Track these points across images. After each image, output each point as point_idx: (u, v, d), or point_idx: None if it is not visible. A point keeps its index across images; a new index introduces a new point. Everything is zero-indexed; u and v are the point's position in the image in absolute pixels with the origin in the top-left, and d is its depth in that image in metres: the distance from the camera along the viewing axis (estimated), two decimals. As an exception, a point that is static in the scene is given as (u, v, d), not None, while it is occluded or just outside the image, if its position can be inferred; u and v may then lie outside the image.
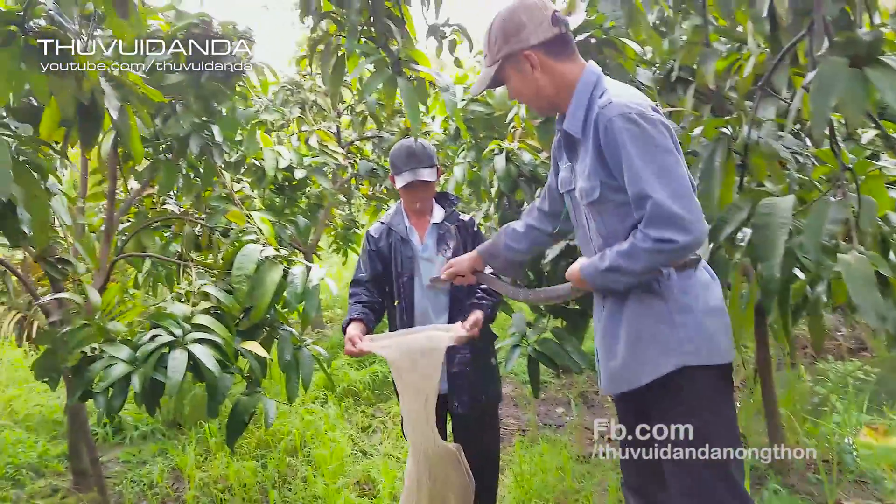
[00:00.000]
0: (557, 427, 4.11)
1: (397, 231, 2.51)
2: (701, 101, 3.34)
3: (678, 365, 1.58)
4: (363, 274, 2.54)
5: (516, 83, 1.75)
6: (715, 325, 1.61)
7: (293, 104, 6.59)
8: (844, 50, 1.73)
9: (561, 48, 1.69)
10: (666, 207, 1.46)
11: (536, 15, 1.66)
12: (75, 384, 2.20)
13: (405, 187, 2.44)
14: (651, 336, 1.62)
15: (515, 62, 1.70)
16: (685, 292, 1.61)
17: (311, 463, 3.50)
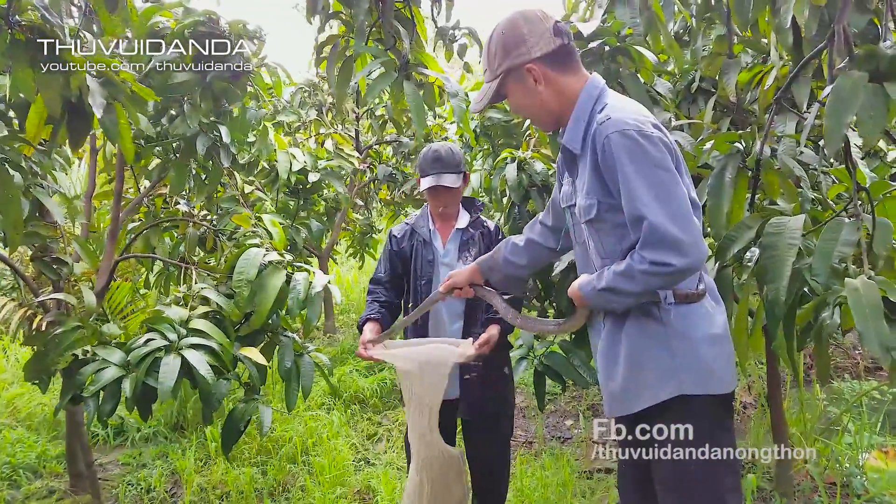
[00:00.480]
0: (564, 440, 4.02)
1: (420, 233, 2.52)
2: (721, 114, 3.26)
3: (675, 393, 1.53)
4: (382, 273, 2.54)
5: (519, 98, 1.69)
6: (714, 354, 1.55)
7: (310, 106, 6.59)
8: (866, 64, 1.65)
9: (564, 60, 1.63)
10: (662, 230, 1.41)
11: (538, 27, 1.61)
12: (66, 387, 2.18)
13: (428, 191, 2.44)
14: (649, 361, 1.57)
15: (517, 76, 1.64)
16: (684, 318, 1.55)
17: (310, 471, 3.45)
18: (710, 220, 1.99)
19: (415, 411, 2.14)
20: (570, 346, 2.96)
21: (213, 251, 3.65)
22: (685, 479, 1.56)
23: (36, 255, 2.56)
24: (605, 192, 1.55)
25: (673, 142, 1.56)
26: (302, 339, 2.92)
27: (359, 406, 4.67)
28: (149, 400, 2.27)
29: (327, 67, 2.70)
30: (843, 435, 3.44)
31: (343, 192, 5.67)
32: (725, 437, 1.58)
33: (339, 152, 5.90)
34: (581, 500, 3.03)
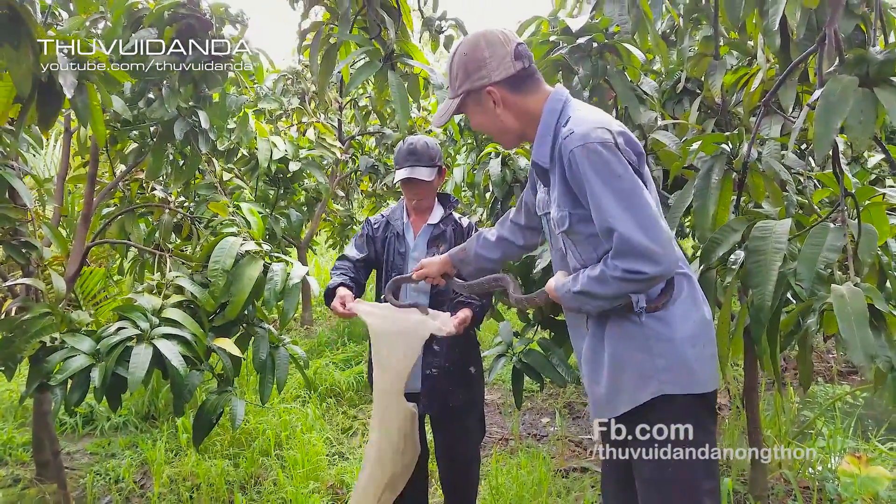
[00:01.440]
0: (540, 438, 4.02)
1: (394, 225, 2.54)
2: (706, 115, 3.26)
3: (656, 393, 1.55)
4: (354, 253, 2.55)
5: (479, 118, 1.72)
6: (696, 354, 1.55)
7: (293, 94, 6.50)
8: (855, 68, 1.64)
9: (524, 83, 1.66)
10: (633, 240, 1.43)
11: (499, 50, 1.63)
12: (32, 374, 2.11)
13: (402, 183, 2.47)
14: (630, 363, 1.58)
15: (477, 98, 1.67)
16: (662, 320, 1.56)
17: (283, 465, 3.40)
18: (695, 222, 1.98)
19: (382, 374, 2.19)
20: (549, 345, 2.94)
21: (188, 239, 3.57)
22: (665, 479, 1.57)
23: (4, 239, 2.47)
24: (576, 203, 1.57)
25: (637, 143, 1.58)
26: (278, 331, 2.87)
27: (334, 399, 4.62)
28: (118, 390, 2.20)
29: (310, 55, 2.64)
30: (817, 439, 3.47)
31: (324, 182, 5.59)
32: (706, 439, 1.58)
33: (322, 142, 5.81)
34: (556, 499, 3.02)
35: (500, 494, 3.02)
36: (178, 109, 2.88)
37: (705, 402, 1.59)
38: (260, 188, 5.48)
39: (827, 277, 1.60)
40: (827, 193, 2.15)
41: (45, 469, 3.13)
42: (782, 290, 1.69)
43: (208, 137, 3.11)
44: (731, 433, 3.62)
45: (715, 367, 1.62)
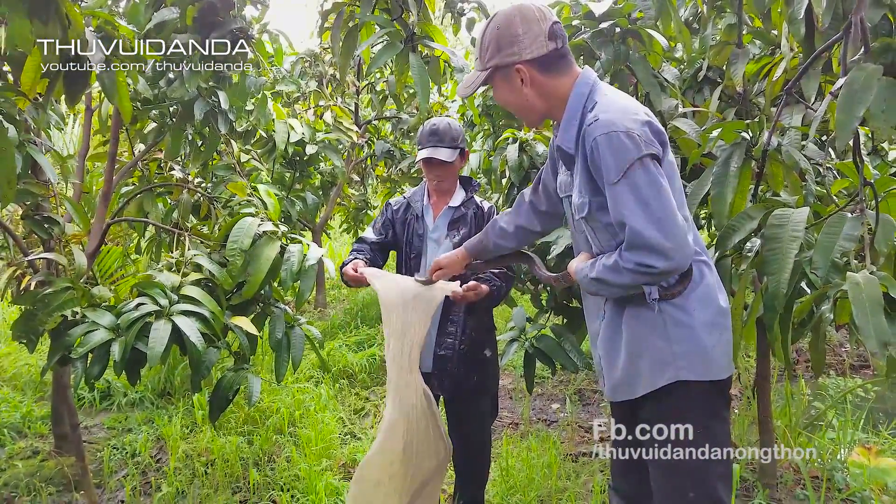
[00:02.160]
0: (550, 423, 4.04)
1: (415, 207, 2.55)
2: (727, 104, 3.24)
3: (672, 379, 1.56)
4: (372, 235, 2.57)
5: (504, 94, 1.70)
6: (712, 341, 1.56)
7: (311, 77, 6.51)
8: (881, 57, 1.63)
9: (555, 64, 1.63)
10: (644, 235, 1.43)
11: (534, 28, 1.60)
12: (54, 348, 2.15)
13: (422, 162, 2.47)
14: (648, 349, 1.59)
15: (505, 74, 1.65)
16: (681, 307, 1.56)
17: (297, 443, 3.45)
18: (712, 209, 1.98)
19: (395, 345, 2.12)
20: (562, 330, 2.96)
21: (206, 219, 3.61)
22: (678, 464, 1.58)
23: (27, 214, 2.51)
24: (596, 191, 1.56)
25: (663, 131, 1.56)
26: (294, 312, 2.90)
27: (347, 381, 4.67)
28: (137, 365, 2.24)
29: (331, 36, 2.64)
30: (827, 430, 3.47)
31: (340, 166, 5.61)
32: (720, 426, 1.60)
33: (338, 125, 5.82)
34: (566, 482, 3.05)
35: (511, 476, 3.05)
36: (199, 89, 2.90)
37: (720, 388, 1.60)
38: (276, 170, 5.52)
39: (842, 266, 1.60)
40: (846, 184, 2.14)
41: (63, 442, 3.20)
42: (797, 278, 1.69)
43: (227, 118, 3.13)
44: (742, 423, 3.63)
45: (731, 354, 1.63)
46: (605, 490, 2.00)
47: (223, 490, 2.96)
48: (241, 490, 3.01)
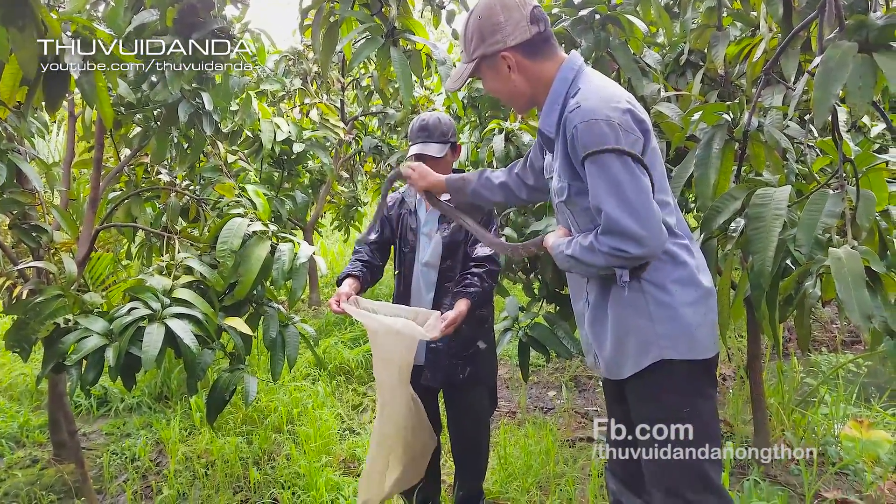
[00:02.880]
0: (547, 410, 4.07)
1: (408, 202, 2.57)
2: (709, 87, 3.26)
3: (656, 358, 1.58)
4: (371, 236, 2.58)
5: (492, 82, 1.72)
6: (696, 320, 1.59)
7: (295, 75, 6.49)
8: (855, 34, 1.64)
9: (539, 47, 1.65)
10: (620, 223, 1.46)
11: (514, 14, 1.62)
12: (48, 356, 2.15)
13: (413, 158, 2.47)
14: (632, 330, 1.62)
15: (492, 62, 1.67)
16: (662, 288, 1.58)
17: (296, 440, 3.46)
18: (696, 191, 2.00)
19: (382, 369, 2.24)
20: (555, 318, 2.98)
21: (195, 221, 3.61)
22: (664, 443, 1.60)
23: (14, 223, 2.51)
24: (574, 175, 1.59)
25: (645, 118, 1.58)
26: (287, 311, 2.91)
27: (343, 377, 4.68)
28: (133, 369, 2.25)
29: (312, 33, 2.64)
30: (820, 406, 3.51)
31: (328, 163, 5.60)
32: (706, 405, 1.62)
33: (325, 123, 5.81)
34: (563, 467, 3.08)
35: (509, 463, 3.08)
36: (182, 91, 2.89)
37: (706, 367, 1.62)
38: (264, 170, 5.50)
39: (825, 242, 1.62)
40: (827, 161, 2.16)
41: (62, 449, 3.20)
42: (782, 256, 1.72)
43: (212, 119, 3.12)
44: (736, 402, 3.67)
45: (716, 333, 1.65)
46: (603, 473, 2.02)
47: (224, 490, 2.97)
48: (243, 489, 3.02)
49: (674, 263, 1.58)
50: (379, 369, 2.29)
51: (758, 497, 2.54)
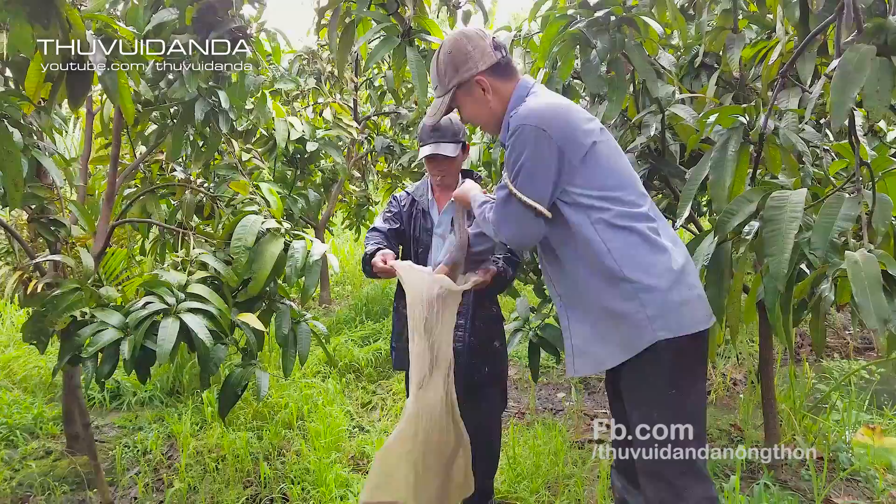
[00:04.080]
0: (556, 412, 4.07)
1: (420, 202, 2.57)
2: (724, 90, 3.25)
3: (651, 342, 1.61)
4: (385, 225, 2.57)
5: (470, 108, 1.88)
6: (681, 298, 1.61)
7: (309, 74, 6.51)
8: (873, 38, 1.64)
9: (504, 70, 1.84)
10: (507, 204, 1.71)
11: (479, 44, 1.81)
12: (64, 348, 2.17)
13: (426, 159, 2.48)
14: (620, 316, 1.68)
15: (468, 88, 1.84)
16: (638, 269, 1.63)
17: (306, 437, 3.48)
18: (711, 194, 2.00)
19: (420, 341, 2.15)
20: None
21: (210, 218, 3.63)
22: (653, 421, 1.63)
23: (33, 217, 2.54)
24: None
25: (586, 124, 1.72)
26: (299, 308, 2.92)
27: (353, 375, 4.70)
28: (147, 363, 2.27)
29: (328, 32, 2.66)
30: (832, 412, 3.49)
31: (341, 162, 5.62)
32: (694, 384, 1.66)
33: (338, 122, 5.83)
34: (572, 468, 3.08)
35: (518, 464, 3.08)
36: (199, 90, 2.92)
37: (695, 344, 1.64)
38: (278, 169, 5.53)
39: (841, 246, 1.62)
40: (843, 165, 2.15)
41: (75, 441, 3.24)
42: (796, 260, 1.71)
43: (228, 117, 3.15)
44: (746, 406, 3.65)
45: (703, 307, 1.67)
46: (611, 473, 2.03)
47: (234, 485, 3.00)
48: (253, 484, 3.04)
49: (651, 248, 1.63)
50: (415, 345, 2.17)
51: (767, 501, 2.53)
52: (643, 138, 2.80)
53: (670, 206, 3.26)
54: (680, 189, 2.64)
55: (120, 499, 2.96)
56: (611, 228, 1.63)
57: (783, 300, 1.75)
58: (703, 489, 1.62)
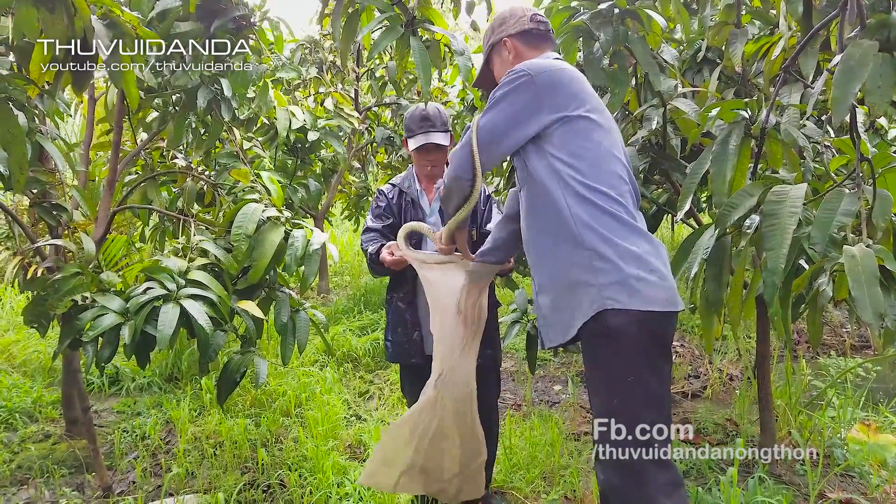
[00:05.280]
0: (553, 404, 4.09)
1: (408, 193, 2.57)
2: (726, 84, 3.25)
3: (598, 308, 1.62)
4: (378, 223, 2.58)
5: (497, 67, 2.05)
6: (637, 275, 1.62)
7: (311, 64, 6.50)
8: (876, 33, 1.64)
9: (534, 40, 1.99)
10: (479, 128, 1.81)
11: (517, 13, 2.01)
12: (65, 332, 2.18)
13: (418, 150, 2.48)
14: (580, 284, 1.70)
15: (499, 50, 2.03)
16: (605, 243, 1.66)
17: (303, 424, 3.50)
18: (711, 188, 2.00)
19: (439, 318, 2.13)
20: (565, 311, 2.99)
21: (210, 206, 3.64)
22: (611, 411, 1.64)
23: (35, 201, 2.54)
24: None
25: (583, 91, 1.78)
26: (298, 296, 2.93)
27: (351, 364, 4.72)
28: (147, 348, 2.28)
29: (332, 21, 2.65)
30: (827, 409, 3.51)
31: (342, 152, 5.62)
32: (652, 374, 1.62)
33: (339, 112, 5.83)
34: (568, 459, 3.09)
35: (514, 455, 3.10)
36: (202, 77, 2.92)
37: (651, 326, 1.62)
38: (278, 158, 5.53)
39: (840, 241, 1.62)
40: (844, 161, 2.16)
41: (74, 425, 3.25)
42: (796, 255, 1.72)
43: (230, 106, 3.15)
44: (742, 402, 3.67)
45: (665, 291, 1.64)
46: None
47: (232, 470, 3.01)
48: (250, 470, 3.06)
49: (616, 224, 1.66)
50: (437, 321, 2.14)
51: (762, 494, 2.55)
52: (644, 132, 2.80)
53: (670, 200, 3.26)
54: (680, 183, 2.65)
55: (118, 483, 2.97)
56: (576, 197, 1.68)
57: (782, 294, 1.75)
58: (668, 475, 1.60)
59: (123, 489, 2.91)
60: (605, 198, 1.68)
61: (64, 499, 2.73)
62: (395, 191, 2.61)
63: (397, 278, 2.58)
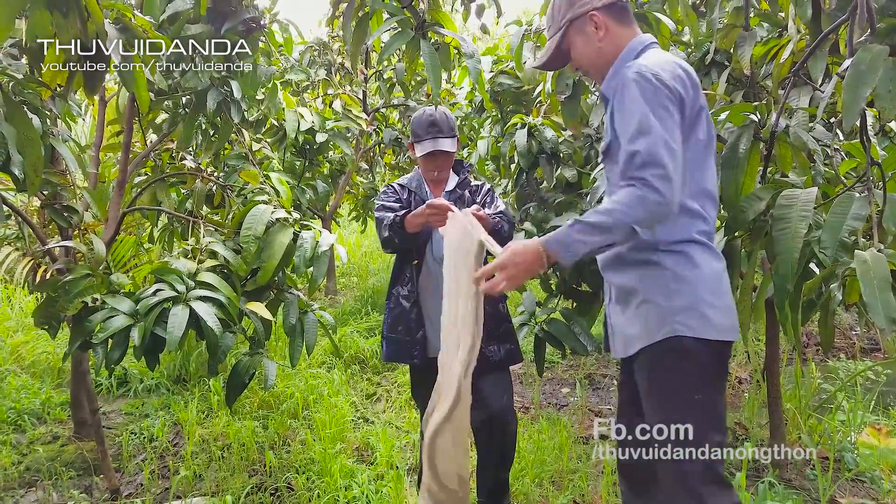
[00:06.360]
0: (561, 407, 4.08)
1: (418, 193, 2.55)
2: (734, 87, 3.24)
3: (668, 334, 1.56)
4: (394, 205, 2.50)
5: (580, 47, 1.73)
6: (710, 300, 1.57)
7: (319, 66, 6.52)
8: (886, 38, 1.64)
9: (622, 13, 1.70)
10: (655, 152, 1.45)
11: None
12: (75, 334, 2.20)
13: (425, 156, 2.46)
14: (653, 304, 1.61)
15: (581, 25, 1.70)
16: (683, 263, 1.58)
17: (311, 427, 3.51)
18: (722, 192, 2.00)
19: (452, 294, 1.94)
20: (571, 314, 2.99)
21: (219, 207, 3.65)
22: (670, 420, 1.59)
23: (46, 203, 2.56)
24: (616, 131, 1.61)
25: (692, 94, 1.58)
26: (307, 297, 2.94)
27: (358, 366, 4.73)
28: (156, 350, 2.29)
29: (343, 25, 2.66)
30: (837, 412, 3.49)
31: (350, 153, 5.64)
32: (713, 393, 1.60)
33: (347, 113, 5.84)
34: (577, 463, 3.09)
35: (522, 458, 3.09)
36: (211, 79, 2.93)
37: (717, 353, 1.59)
38: (287, 159, 5.55)
39: (850, 245, 1.62)
40: (854, 164, 2.15)
41: (82, 427, 3.27)
42: (806, 259, 1.72)
43: (240, 107, 3.16)
44: (751, 405, 3.66)
45: (731, 319, 1.62)
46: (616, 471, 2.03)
47: (239, 473, 3.02)
48: (258, 473, 3.07)
49: (696, 244, 1.59)
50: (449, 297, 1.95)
51: (772, 498, 2.54)
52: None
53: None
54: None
55: (126, 485, 2.99)
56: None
57: (792, 298, 1.75)
58: (729, 497, 1.57)
59: (131, 491, 2.92)
60: (693, 214, 1.60)
61: (72, 501, 2.74)
62: (403, 190, 2.61)
63: (401, 272, 2.55)
